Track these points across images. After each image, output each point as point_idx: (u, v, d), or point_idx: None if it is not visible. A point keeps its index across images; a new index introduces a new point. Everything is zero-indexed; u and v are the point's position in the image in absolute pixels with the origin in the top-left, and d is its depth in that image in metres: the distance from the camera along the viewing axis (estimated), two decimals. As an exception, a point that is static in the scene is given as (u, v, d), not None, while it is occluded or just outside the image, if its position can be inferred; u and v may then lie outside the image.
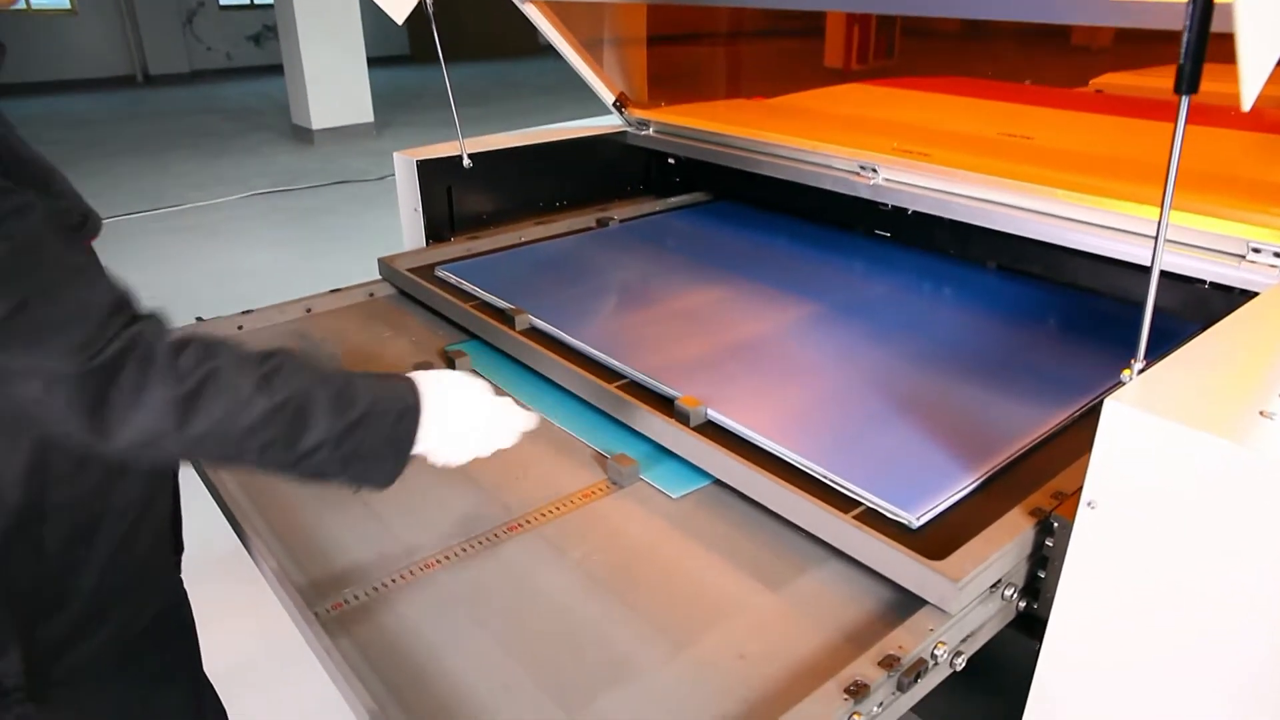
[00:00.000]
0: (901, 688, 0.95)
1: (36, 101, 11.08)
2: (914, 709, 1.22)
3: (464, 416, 1.08)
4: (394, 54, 14.05)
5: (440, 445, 1.05)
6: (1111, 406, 0.90)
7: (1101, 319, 1.69)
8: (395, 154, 2.12)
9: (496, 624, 1.06)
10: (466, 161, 2.10)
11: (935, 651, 0.98)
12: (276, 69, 9.51)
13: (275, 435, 0.89)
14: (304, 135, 8.94)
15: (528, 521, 1.22)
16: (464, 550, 1.18)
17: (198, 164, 8.09)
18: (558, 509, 1.25)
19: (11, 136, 0.91)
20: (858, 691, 0.89)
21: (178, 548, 1.23)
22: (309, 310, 1.87)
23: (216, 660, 1.49)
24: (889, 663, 0.93)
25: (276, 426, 0.89)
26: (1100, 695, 1.01)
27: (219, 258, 5.60)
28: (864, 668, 0.92)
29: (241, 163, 8.13)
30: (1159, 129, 2.13)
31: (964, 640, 1.03)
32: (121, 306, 0.85)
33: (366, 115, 9.11)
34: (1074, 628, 1.02)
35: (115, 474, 1.04)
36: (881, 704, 0.93)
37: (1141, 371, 1.00)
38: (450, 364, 1.62)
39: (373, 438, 0.96)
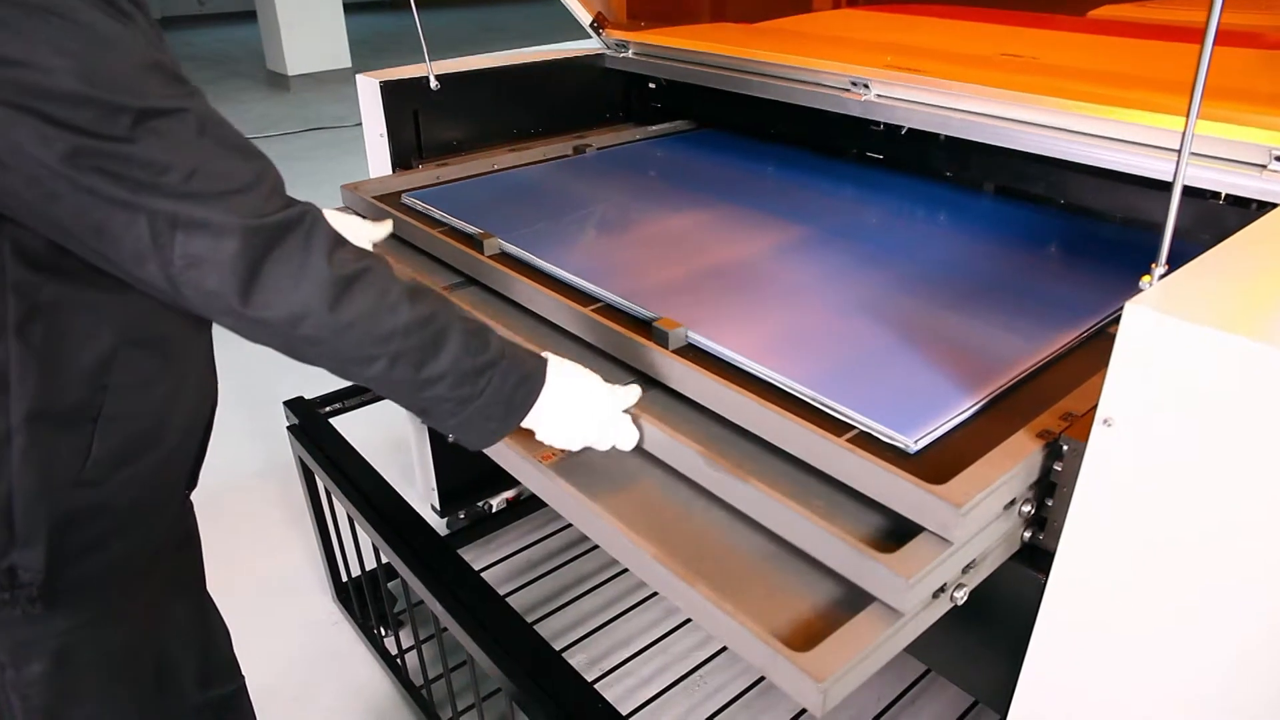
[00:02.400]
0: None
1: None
2: (910, 649, 1.15)
3: (579, 414, 1.06)
4: (371, 0, 13.68)
5: (551, 427, 1.05)
6: (1133, 311, 0.81)
7: (1107, 243, 1.60)
8: (358, 75, 1.99)
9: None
10: (434, 84, 1.97)
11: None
12: (250, 15, 9.21)
13: (409, 348, 0.90)
14: (279, 82, 8.69)
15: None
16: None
17: (170, 111, 7.85)
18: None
19: None
20: None
21: (192, 483, 1.22)
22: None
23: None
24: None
25: (414, 339, 0.90)
26: (1112, 632, 0.94)
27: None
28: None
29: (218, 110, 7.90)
30: (1167, 48, 2.01)
31: (965, 572, 0.95)
32: (278, 178, 0.88)
33: (344, 61, 8.86)
34: (1085, 559, 0.93)
35: (174, 399, 1.04)
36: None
37: (1163, 277, 0.90)
38: None
39: (491, 390, 0.97)
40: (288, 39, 8.48)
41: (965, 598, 0.95)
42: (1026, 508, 0.99)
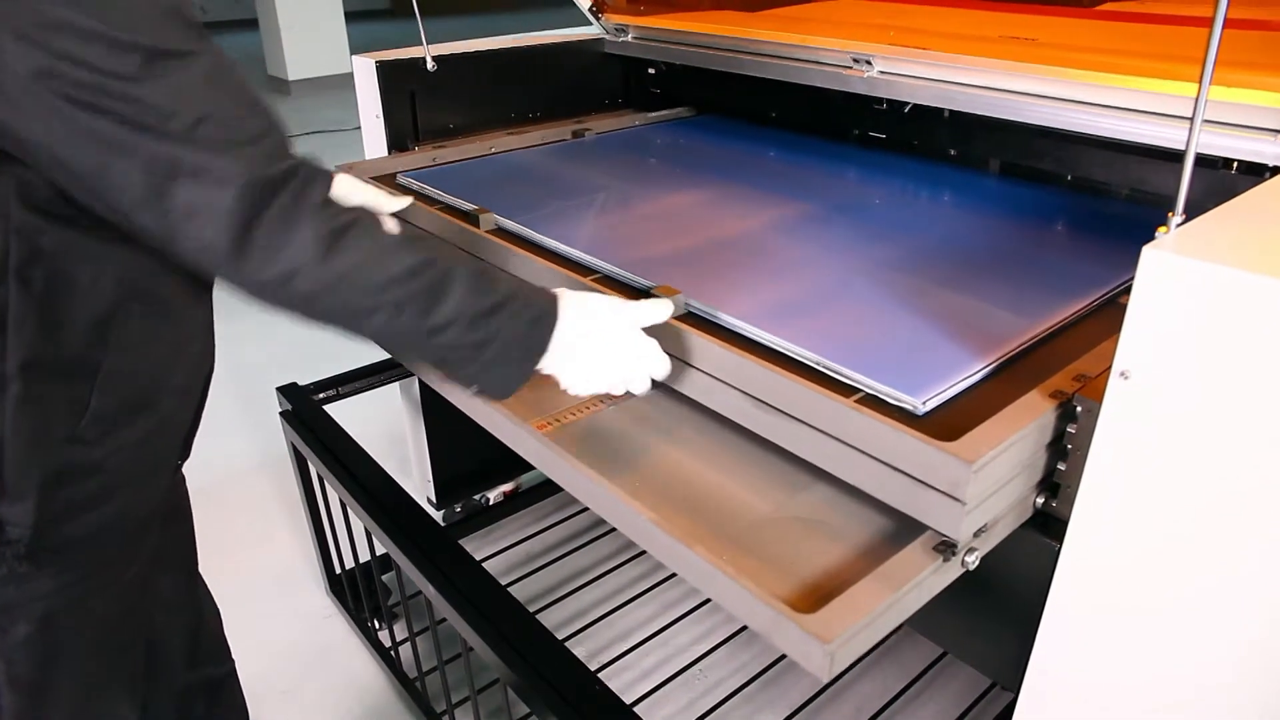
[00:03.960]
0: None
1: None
2: (920, 623, 1.12)
3: (601, 347, 1.02)
4: (373, 8, 13.71)
5: (568, 368, 1.01)
6: (1150, 255, 0.77)
7: (1117, 219, 1.56)
8: (354, 56, 1.96)
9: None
10: (431, 65, 1.95)
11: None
12: (250, 24, 9.22)
13: (413, 293, 0.88)
14: (280, 86, 8.70)
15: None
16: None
17: (170, 116, 7.86)
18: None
19: None
20: None
21: (185, 454, 1.21)
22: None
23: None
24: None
25: (416, 284, 0.88)
26: (1130, 600, 0.90)
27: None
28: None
29: (215, 114, 7.90)
30: (1176, 32, 1.99)
31: (977, 535, 0.91)
32: (280, 129, 0.87)
33: (344, 66, 8.84)
34: (1101, 524, 0.90)
35: (172, 361, 1.04)
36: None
37: (1180, 225, 0.87)
38: None
39: (506, 332, 0.94)
40: (289, 44, 8.49)
41: (976, 563, 0.92)
42: (1039, 471, 0.96)
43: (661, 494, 1.03)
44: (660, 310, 1.07)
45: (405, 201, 1.48)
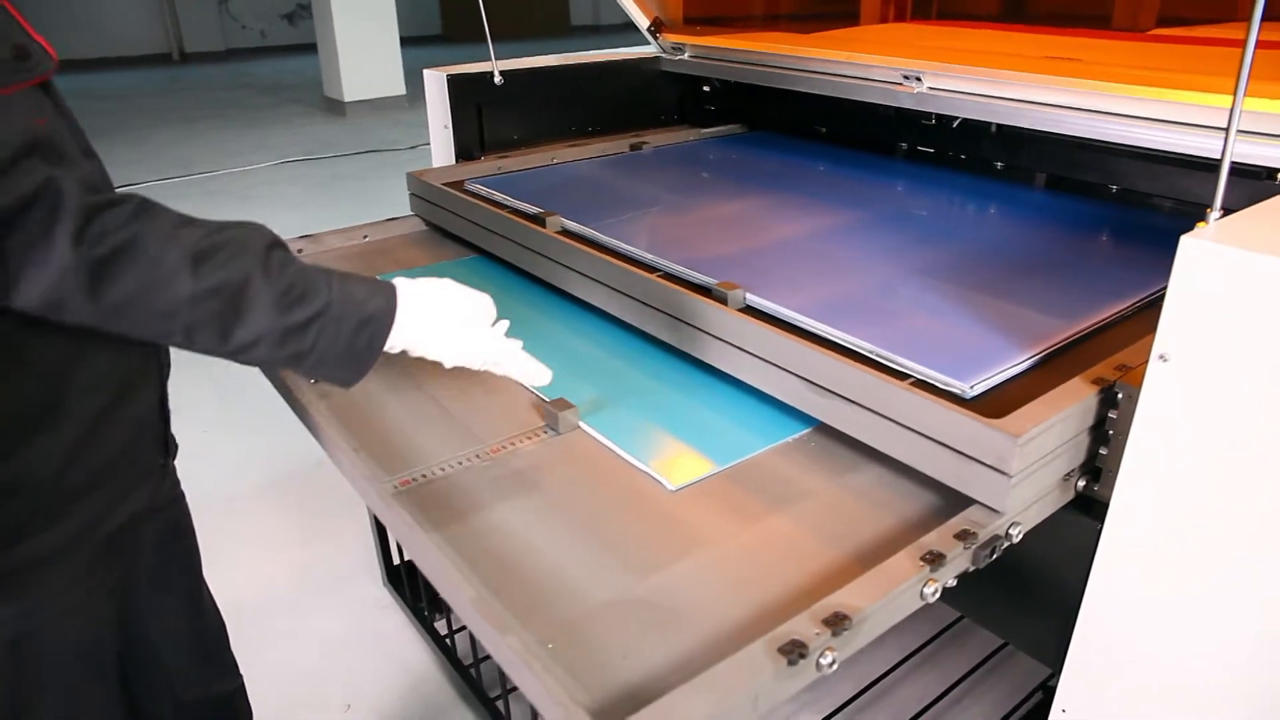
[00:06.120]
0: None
1: (76, 77, 11.17)
2: (967, 606, 1.17)
3: (447, 315, 1.02)
4: (426, 33, 14.05)
5: (423, 342, 1.01)
6: (1189, 243, 0.84)
7: (1159, 230, 1.61)
8: (426, 71, 2.08)
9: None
10: (498, 78, 2.06)
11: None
12: (309, 47, 9.51)
13: (201, 320, 0.84)
14: (336, 107, 8.95)
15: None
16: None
17: (232, 134, 8.12)
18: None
19: None
20: (933, 560, 0.86)
21: (168, 450, 1.15)
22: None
23: (234, 590, 1.45)
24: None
25: (205, 309, 0.83)
26: (1169, 580, 0.95)
27: (250, 217, 5.60)
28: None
29: (274, 133, 8.15)
30: (1219, 52, 2.03)
31: (1021, 510, 0.97)
32: (36, 151, 0.78)
33: (399, 87, 9.10)
34: (1141, 506, 0.95)
35: (67, 375, 0.94)
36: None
37: (1218, 220, 0.93)
38: None
39: (325, 342, 0.90)
40: (345, 68, 8.74)
41: (1020, 536, 0.97)
42: (1081, 454, 1.01)
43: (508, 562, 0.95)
44: (489, 305, 1.09)
45: None
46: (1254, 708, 0.93)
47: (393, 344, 0.98)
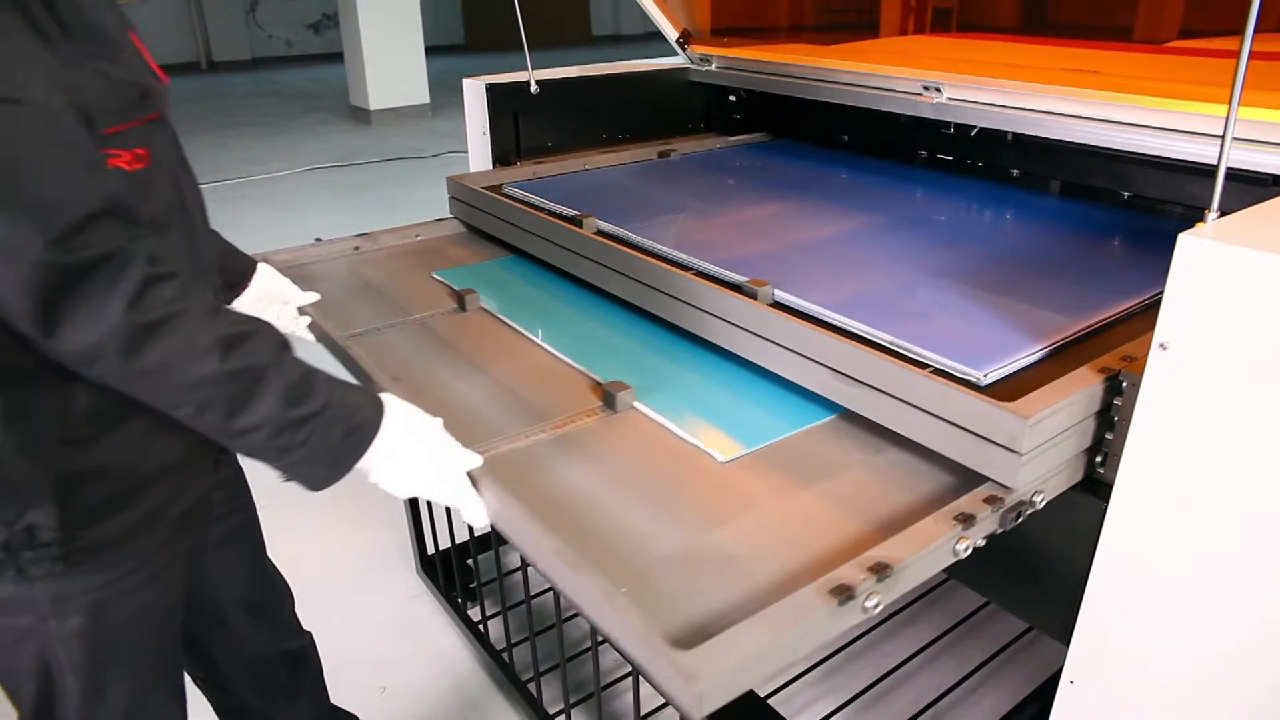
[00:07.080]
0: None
1: (105, 85, 11.39)
2: (979, 582, 1.24)
3: (421, 456, 1.03)
4: (450, 43, 14.23)
5: (384, 472, 1.01)
6: (1186, 241, 0.91)
7: (1168, 235, 1.67)
8: (465, 80, 2.17)
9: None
10: (534, 87, 2.15)
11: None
12: (335, 56, 9.67)
13: (216, 399, 0.89)
14: (361, 116, 9.10)
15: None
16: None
17: (258, 141, 8.27)
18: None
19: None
20: (965, 520, 0.95)
21: (217, 451, 1.21)
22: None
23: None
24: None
25: (220, 391, 0.89)
26: (1171, 558, 1.02)
27: (275, 223, 5.75)
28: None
29: (300, 141, 8.30)
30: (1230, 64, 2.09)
31: (1041, 482, 1.05)
32: (117, 211, 0.85)
33: (423, 96, 9.24)
34: (1143, 487, 1.02)
35: None
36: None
37: (1215, 220, 1.00)
38: (460, 302, 1.63)
39: (315, 440, 0.94)
40: (371, 76, 8.89)
41: (1044, 503, 1.04)
42: (1088, 438, 1.09)
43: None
44: (476, 459, 1.06)
45: (313, 297, 1.51)
46: (1250, 680, 1.00)
47: (366, 460, 0.99)
